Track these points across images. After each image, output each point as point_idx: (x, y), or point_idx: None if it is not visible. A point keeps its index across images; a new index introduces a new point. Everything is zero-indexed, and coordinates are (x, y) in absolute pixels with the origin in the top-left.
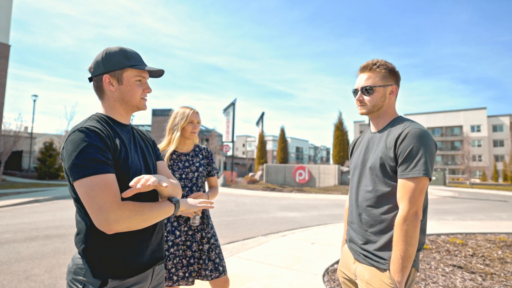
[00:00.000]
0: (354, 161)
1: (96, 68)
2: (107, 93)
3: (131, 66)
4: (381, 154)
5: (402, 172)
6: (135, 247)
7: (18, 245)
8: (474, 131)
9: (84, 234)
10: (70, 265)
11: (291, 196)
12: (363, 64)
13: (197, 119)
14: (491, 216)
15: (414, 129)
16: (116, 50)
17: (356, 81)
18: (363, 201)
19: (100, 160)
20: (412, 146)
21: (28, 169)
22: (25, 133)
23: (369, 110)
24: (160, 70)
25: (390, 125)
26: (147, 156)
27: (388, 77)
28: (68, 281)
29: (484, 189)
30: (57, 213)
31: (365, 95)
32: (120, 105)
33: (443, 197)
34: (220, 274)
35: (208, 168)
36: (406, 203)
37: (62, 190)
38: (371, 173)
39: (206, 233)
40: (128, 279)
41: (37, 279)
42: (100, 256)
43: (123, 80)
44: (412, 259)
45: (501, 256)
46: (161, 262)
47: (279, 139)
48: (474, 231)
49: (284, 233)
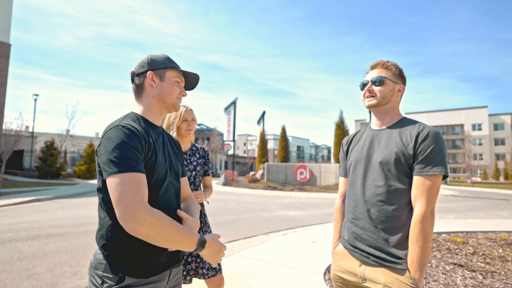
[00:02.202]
0: (356, 156)
1: (140, 68)
2: (146, 89)
3: (173, 68)
4: (396, 149)
5: (421, 169)
6: (153, 249)
7: (20, 244)
8: (475, 129)
9: (106, 230)
10: (92, 260)
11: (292, 195)
12: (375, 62)
13: (191, 117)
14: (492, 214)
15: (433, 130)
16: (160, 55)
17: (366, 76)
18: (373, 196)
19: (133, 159)
20: (434, 145)
21: (29, 168)
22: (26, 132)
23: (378, 101)
24: (195, 74)
25: (400, 123)
26: (173, 161)
27: (398, 76)
28: (90, 275)
29: (485, 188)
30: (59, 212)
31: (376, 86)
32: (157, 102)
33: (444, 196)
34: (216, 273)
35: (205, 167)
36: (424, 201)
37: (63, 189)
38: (381, 168)
39: (204, 231)
40: (144, 278)
41: (39, 278)
42: (119, 253)
43: (165, 77)
44: (429, 256)
45: (501, 255)
46: (177, 265)
47: (280, 138)
48: (475, 230)
49: (285, 232)
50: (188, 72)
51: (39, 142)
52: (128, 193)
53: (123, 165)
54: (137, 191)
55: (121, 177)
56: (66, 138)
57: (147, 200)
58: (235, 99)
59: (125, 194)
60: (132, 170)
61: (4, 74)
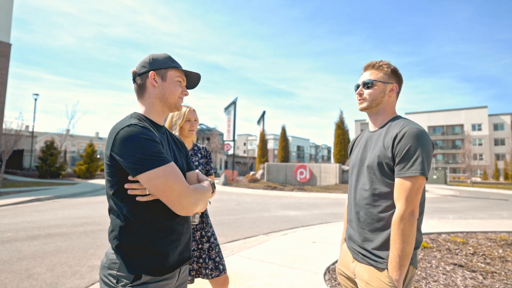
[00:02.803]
0: (353, 159)
1: (141, 68)
2: (149, 89)
3: (174, 67)
4: (378, 153)
5: (399, 171)
6: (166, 246)
7: (19, 244)
8: (475, 129)
9: (119, 231)
10: (103, 261)
11: (292, 195)
12: (368, 63)
13: (194, 117)
14: (492, 214)
15: (411, 129)
16: (162, 54)
17: (359, 78)
18: (361, 199)
19: (161, 152)
20: (410, 145)
21: (29, 168)
22: (26, 132)
23: (368, 105)
24: (197, 74)
25: (388, 124)
26: (179, 160)
27: (390, 76)
28: (102, 275)
29: (485, 188)
30: (59, 212)
31: (365, 89)
32: (159, 102)
33: (444, 196)
34: (221, 273)
35: (207, 167)
36: (403, 202)
37: (63, 189)
38: (368, 171)
39: (206, 232)
40: (159, 276)
41: (39, 278)
42: (134, 252)
43: (167, 77)
44: (409, 258)
45: (501, 255)
46: (188, 262)
47: (280, 138)
48: (475, 230)
49: (285, 232)
50: (190, 72)
51: (39, 141)
52: (175, 184)
53: (155, 160)
54: (181, 179)
55: (160, 172)
56: (66, 137)
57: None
58: (235, 99)
59: (173, 185)
60: (166, 162)
61: (5, 73)
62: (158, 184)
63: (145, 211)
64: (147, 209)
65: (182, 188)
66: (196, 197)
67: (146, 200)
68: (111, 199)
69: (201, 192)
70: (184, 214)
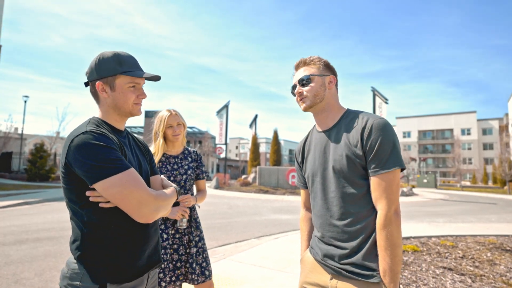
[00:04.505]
0: (311, 167)
1: (90, 74)
2: (101, 98)
3: (123, 73)
4: (345, 152)
5: (375, 168)
6: (133, 251)
7: (7, 248)
8: (464, 134)
9: (81, 239)
10: (64, 271)
11: (284, 198)
12: (297, 62)
13: (176, 122)
14: (481, 218)
15: (377, 120)
16: (109, 56)
17: (293, 79)
18: (336, 209)
19: (119, 158)
20: (381, 139)
21: (18, 170)
22: (15, 134)
23: (312, 102)
24: (156, 76)
25: (344, 119)
26: (142, 164)
27: (324, 69)
28: (63, 286)
29: (474, 192)
30: (48, 216)
31: (303, 87)
32: (114, 111)
33: (434, 200)
34: (206, 279)
35: (197, 171)
36: (385, 202)
37: (52, 192)
38: (337, 176)
39: (194, 236)
40: (125, 283)
41: (27, 283)
42: (98, 260)
43: (115, 86)
44: (401, 262)
45: (490, 258)
46: (157, 265)
47: (272, 141)
48: (464, 233)
49: (277, 236)
50: (141, 75)
51: (28, 144)
52: (134, 192)
53: (111, 168)
54: (140, 186)
55: (117, 180)
56: (56, 140)
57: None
58: (228, 103)
59: (132, 194)
60: (124, 169)
61: None
62: (114, 193)
63: (109, 217)
64: (110, 215)
65: (141, 196)
66: (157, 204)
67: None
68: (70, 207)
69: (162, 199)
70: (144, 221)
